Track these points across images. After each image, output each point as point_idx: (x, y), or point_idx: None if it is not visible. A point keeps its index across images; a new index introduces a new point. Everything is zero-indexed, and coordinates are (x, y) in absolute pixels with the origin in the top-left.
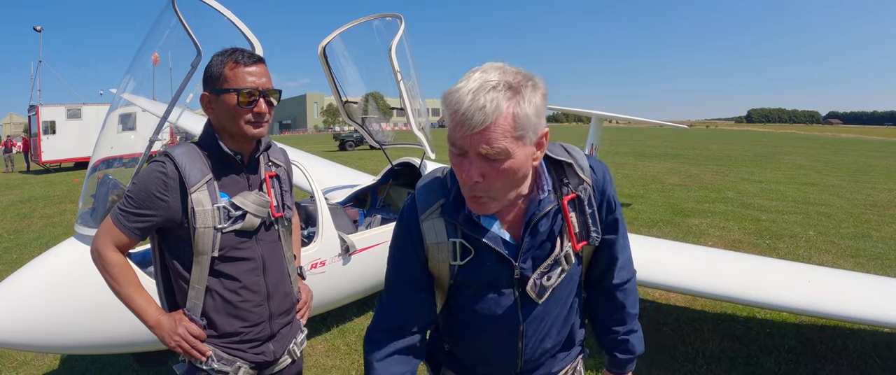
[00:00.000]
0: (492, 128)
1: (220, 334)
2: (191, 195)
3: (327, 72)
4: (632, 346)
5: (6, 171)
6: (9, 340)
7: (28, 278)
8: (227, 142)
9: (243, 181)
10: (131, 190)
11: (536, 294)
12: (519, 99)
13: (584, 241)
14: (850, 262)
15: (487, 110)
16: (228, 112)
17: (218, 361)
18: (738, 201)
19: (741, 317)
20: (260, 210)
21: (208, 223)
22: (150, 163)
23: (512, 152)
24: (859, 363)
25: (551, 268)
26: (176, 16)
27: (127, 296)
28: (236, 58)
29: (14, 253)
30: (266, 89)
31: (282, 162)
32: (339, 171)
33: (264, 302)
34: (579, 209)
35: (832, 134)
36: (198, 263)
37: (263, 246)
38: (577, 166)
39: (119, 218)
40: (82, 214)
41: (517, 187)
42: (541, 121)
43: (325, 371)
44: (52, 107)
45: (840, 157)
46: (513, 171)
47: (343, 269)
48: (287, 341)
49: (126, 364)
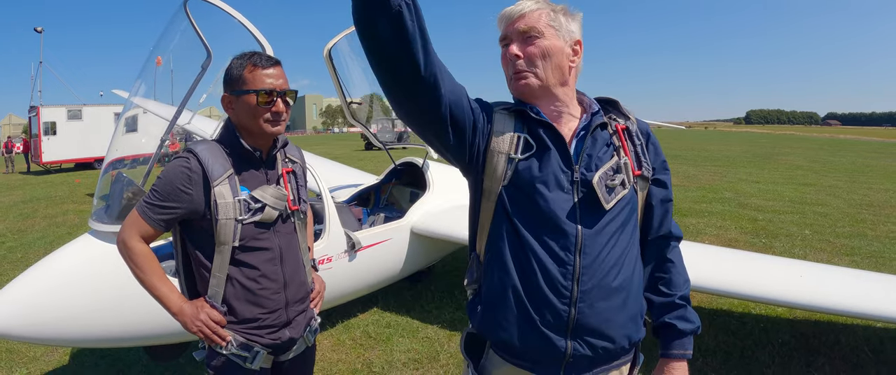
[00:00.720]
0: (527, 14)
1: (240, 320)
2: (213, 188)
3: (333, 73)
4: (690, 315)
5: (7, 172)
6: (25, 334)
7: (44, 273)
8: (247, 139)
9: (262, 176)
10: (157, 185)
11: (602, 192)
12: (553, 7)
13: (639, 172)
14: (845, 260)
15: (525, 4)
16: (249, 111)
17: (237, 346)
18: (736, 201)
19: (736, 313)
20: (278, 203)
21: (230, 215)
22: (175, 159)
23: (544, 33)
24: (852, 356)
25: (615, 173)
26: (187, 18)
27: (151, 284)
28: (255, 61)
29: (19, 252)
30: (283, 90)
31: (297, 158)
32: (343, 171)
33: (281, 289)
34: (631, 140)
35: (830, 135)
36: (219, 253)
37: (281, 237)
38: (622, 105)
39: (145, 210)
40: (97, 211)
41: (556, 74)
42: (574, 29)
43: (331, 365)
44: (53, 107)
45: (838, 158)
46: (548, 51)
47: (349, 265)
48: (302, 328)
49: (136, 358)
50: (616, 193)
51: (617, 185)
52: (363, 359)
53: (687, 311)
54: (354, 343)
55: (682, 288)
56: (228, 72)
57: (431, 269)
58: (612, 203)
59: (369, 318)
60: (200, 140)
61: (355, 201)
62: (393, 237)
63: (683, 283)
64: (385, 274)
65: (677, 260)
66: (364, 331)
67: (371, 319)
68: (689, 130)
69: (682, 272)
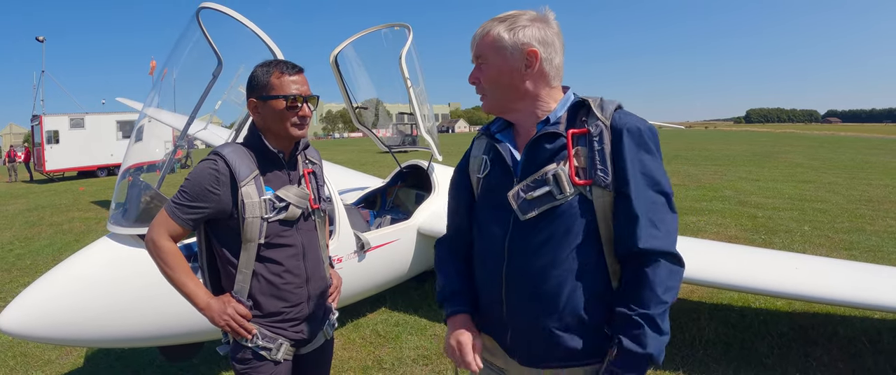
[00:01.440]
0: (477, 42)
1: (265, 314)
2: (241, 189)
3: (339, 79)
4: (644, 338)
5: (10, 181)
6: (46, 335)
7: (64, 276)
8: (271, 141)
9: (285, 176)
10: (186, 186)
11: (517, 205)
12: (500, 25)
13: (589, 180)
14: (844, 255)
15: (478, 31)
16: (275, 115)
17: (263, 338)
18: (736, 199)
19: (736, 307)
20: (301, 202)
21: (256, 213)
22: (203, 161)
23: (489, 58)
24: (849, 346)
25: (537, 184)
26: (199, 28)
27: (180, 281)
28: (281, 68)
29: (28, 259)
30: (308, 95)
31: (317, 160)
32: (349, 175)
33: (304, 284)
34: (589, 144)
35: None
36: (245, 250)
37: (303, 234)
38: (595, 106)
39: (174, 210)
40: (114, 214)
41: (509, 93)
42: (526, 39)
43: (342, 363)
44: (56, 116)
45: (838, 155)
46: (491, 77)
47: (358, 266)
48: (321, 322)
49: (150, 359)
50: (538, 205)
51: (539, 197)
52: (373, 356)
53: (644, 332)
54: (364, 341)
55: (650, 307)
56: (254, 79)
57: None
58: (531, 215)
59: (378, 317)
60: (227, 143)
61: (362, 203)
62: (400, 237)
63: (654, 302)
64: (393, 273)
65: (655, 276)
66: (373, 330)
67: (380, 318)
68: (690, 130)
69: (655, 289)
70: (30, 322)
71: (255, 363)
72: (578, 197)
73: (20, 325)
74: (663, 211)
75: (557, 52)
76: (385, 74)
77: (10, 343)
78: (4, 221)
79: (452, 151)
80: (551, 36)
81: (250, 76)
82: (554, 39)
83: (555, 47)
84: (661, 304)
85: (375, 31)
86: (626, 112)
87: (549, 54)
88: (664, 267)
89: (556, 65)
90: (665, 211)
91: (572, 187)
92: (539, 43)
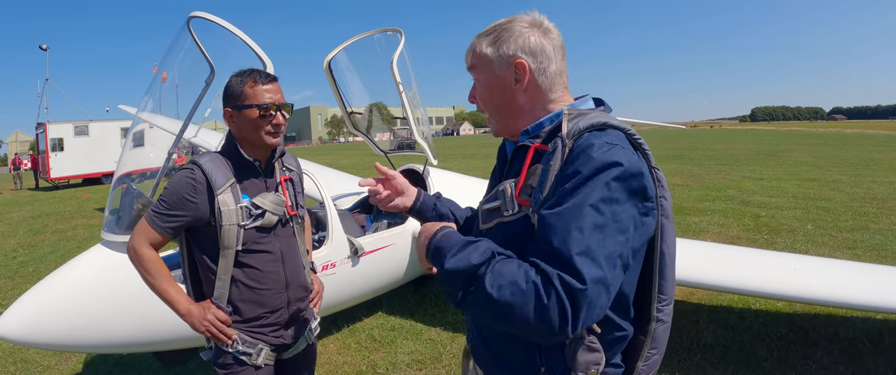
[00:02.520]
0: (469, 59)
1: (244, 319)
2: (217, 197)
3: (332, 85)
4: (455, 248)
5: (15, 189)
6: (41, 341)
7: (58, 282)
8: (247, 150)
9: (261, 184)
10: (164, 195)
11: (480, 213)
12: (489, 39)
13: (527, 201)
14: (847, 254)
15: (467, 49)
16: (250, 124)
17: (242, 343)
18: (739, 198)
19: (736, 308)
20: (277, 208)
21: (233, 220)
22: (180, 171)
23: (478, 72)
24: (850, 347)
25: (494, 197)
26: (191, 36)
27: (161, 288)
28: (254, 77)
29: (31, 266)
30: (281, 104)
31: (294, 167)
32: (345, 179)
33: (283, 290)
34: (545, 162)
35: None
36: (224, 256)
37: (281, 240)
38: (567, 120)
39: (154, 219)
40: (108, 222)
41: (502, 112)
42: (510, 51)
43: (337, 367)
44: (60, 124)
45: (843, 152)
46: (485, 90)
47: (352, 270)
48: (302, 327)
49: (146, 364)
50: (490, 218)
51: (490, 209)
52: (368, 361)
53: (462, 247)
54: (359, 345)
55: (474, 253)
56: (229, 88)
57: (435, 274)
58: (488, 226)
59: (374, 322)
60: (204, 152)
61: (358, 208)
62: (395, 242)
63: (481, 254)
64: (388, 278)
65: (512, 263)
66: (369, 334)
67: (376, 323)
68: (695, 130)
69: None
70: (25, 329)
71: (235, 367)
72: (522, 216)
73: (16, 331)
74: (584, 241)
75: (552, 60)
76: (378, 79)
77: (10, 349)
78: (9, 229)
79: (456, 154)
80: (541, 43)
81: (225, 86)
82: (545, 46)
83: (547, 54)
84: (486, 265)
85: (368, 37)
86: (602, 137)
87: (541, 64)
88: (514, 264)
89: (552, 73)
90: (589, 242)
91: (516, 206)
92: (527, 53)
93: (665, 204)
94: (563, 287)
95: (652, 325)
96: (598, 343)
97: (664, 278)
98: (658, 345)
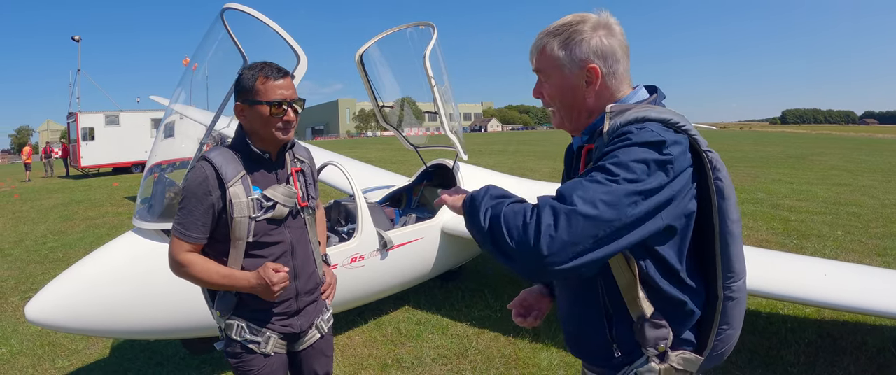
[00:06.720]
0: (535, 55)
1: (251, 308)
2: (228, 189)
3: (364, 78)
4: (480, 194)
5: (46, 176)
6: (71, 325)
7: (89, 268)
8: (257, 143)
9: (272, 176)
10: (182, 203)
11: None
12: (560, 40)
13: None
14: (877, 261)
15: (534, 45)
16: (261, 120)
17: (249, 332)
18: (768, 202)
19: (764, 313)
20: (288, 200)
21: (244, 213)
22: (190, 172)
23: (550, 74)
24: (878, 357)
25: None
26: (224, 28)
27: (218, 284)
28: (266, 72)
29: (60, 252)
30: (293, 100)
31: (306, 158)
32: (375, 173)
33: (292, 281)
34: (590, 160)
35: (868, 134)
36: (234, 248)
37: (292, 232)
38: (610, 117)
39: (180, 232)
40: (140, 210)
41: (570, 110)
42: (583, 55)
43: (362, 360)
44: (91, 113)
45: (874, 158)
46: (556, 90)
47: (381, 264)
48: (313, 317)
49: (173, 351)
50: None
51: None
52: (393, 354)
53: (482, 193)
54: (385, 339)
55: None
56: (240, 83)
57: (462, 269)
58: None
59: (400, 315)
60: (215, 147)
61: (388, 202)
62: (424, 236)
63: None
64: (416, 272)
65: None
66: (395, 328)
67: (402, 316)
68: (724, 131)
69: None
70: (54, 313)
71: (245, 356)
72: None
73: (45, 315)
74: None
75: (620, 61)
76: (410, 73)
77: (38, 333)
78: (39, 215)
79: (484, 150)
80: (612, 45)
81: (237, 79)
82: (615, 48)
83: (616, 57)
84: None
85: (400, 31)
86: (641, 125)
87: (611, 67)
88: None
89: (621, 74)
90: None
91: None
92: (598, 56)
93: (721, 185)
94: (549, 208)
95: (719, 302)
96: (663, 320)
97: (728, 256)
98: (731, 321)
